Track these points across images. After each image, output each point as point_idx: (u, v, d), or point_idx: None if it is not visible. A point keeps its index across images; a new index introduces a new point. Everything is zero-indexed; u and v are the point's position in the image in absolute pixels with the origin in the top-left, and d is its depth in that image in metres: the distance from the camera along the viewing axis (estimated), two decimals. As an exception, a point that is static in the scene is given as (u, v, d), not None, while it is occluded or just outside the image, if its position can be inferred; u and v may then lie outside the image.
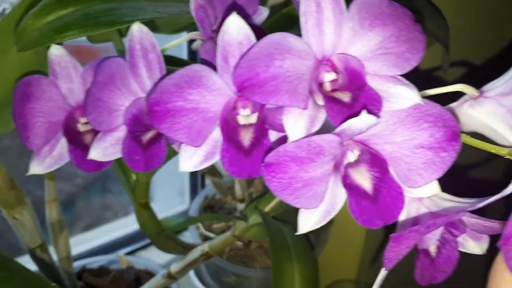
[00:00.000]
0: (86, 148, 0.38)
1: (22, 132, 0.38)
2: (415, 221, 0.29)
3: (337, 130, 0.26)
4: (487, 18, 0.66)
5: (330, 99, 0.27)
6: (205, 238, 0.76)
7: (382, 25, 0.28)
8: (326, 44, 0.28)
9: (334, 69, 0.29)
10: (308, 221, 0.29)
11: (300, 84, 0.27)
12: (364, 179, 0.28)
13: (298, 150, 0.26)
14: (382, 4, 0.28)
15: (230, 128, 0.31)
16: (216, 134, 0.32)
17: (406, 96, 0.27)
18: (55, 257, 0.61)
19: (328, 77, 0.29)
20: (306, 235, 0.60)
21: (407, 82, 0.28)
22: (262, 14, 0.42)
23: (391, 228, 0.31)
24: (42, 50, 0.38)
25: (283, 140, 0.28)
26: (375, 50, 0.28)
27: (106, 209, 1.08)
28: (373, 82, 0.28)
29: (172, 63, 0.48)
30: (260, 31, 0.41)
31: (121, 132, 0.37)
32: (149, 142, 0.35)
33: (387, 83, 0.28)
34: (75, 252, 0.83)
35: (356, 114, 0.26)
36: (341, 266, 0.82)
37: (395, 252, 0.26)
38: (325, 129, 0.28)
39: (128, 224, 0.93)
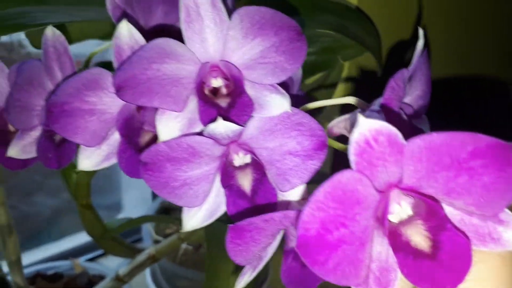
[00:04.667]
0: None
1: None
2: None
3: (205, 132, 0.28)
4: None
5: (206, 103, 0.29)
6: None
7: (264, 35, 0.30)
8: (210, 51, 0.30)
9: (223, 75, 0.31)
10: (192, 219, 0.32)
11: (174, 88, 0.29)
12: (246, 180, 0.31)
13: (169, 150, 0.28)
14: (266, 15, 0.30)
15: (131, 128, 0.34)
16: (118, 136, 0.34)
17: (277, 104, 0.29)
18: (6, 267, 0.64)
19: (215, 82, 0.31)
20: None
21: (282, 90, 0.30)
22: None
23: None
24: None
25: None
26: (256, 58, 0.30)
27: None
28: (251, 90, 0.30)
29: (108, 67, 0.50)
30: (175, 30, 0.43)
31: (39, 131, 0.40)
32: (61, 141, 0.38)
33: (264, 91, 0.30)
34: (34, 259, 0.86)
35: (230, 118, 0.29)
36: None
37: (239, 245, 0.27)
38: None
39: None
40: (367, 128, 0.22)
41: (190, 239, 0.66)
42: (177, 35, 0.41)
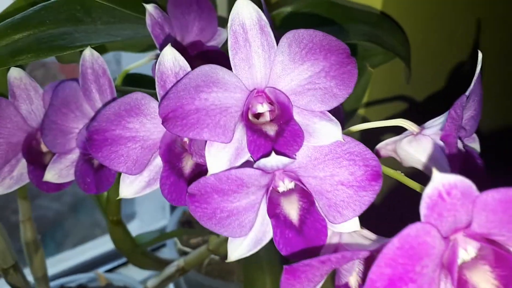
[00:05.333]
0: (45, 169, 0.41)
1: (-20, 153, 0.40)
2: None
3: (255, 165, 0.28)
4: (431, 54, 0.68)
5: (254, 132, 0.28)
6: (183, 254, 0.78)
7: (313, 60, 0.29)
8: (257, 77, 0.29)
9: (269, 100, 0.30)
10: (237, 249, 0.31)
11: (223, 118, 0.28)
12: (292, 209, 0.30)
13: (218, 182, 0.27)
14: (314, 38, 0.29)
15: (173, 154, 0.33)
16: (160, 161, 0.34)
17: (328, 133, 0.28)
18: (31, 278, 0.64)
19: (260, 108, 0.30)
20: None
21: (332, 118, 0.29)
22: (221, 35, 0.44)
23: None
24: (2, 73, 0.40)
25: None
26: (304, 84, 0.29)
27: (96, 226, 1.10)
28: (299, 116, 0.29)
29: (139, 81, 0.50)
30: (218, 53, 0.43)
31: (76, 154, 0.39)
32: (100, 165, 0.37)
33: (313, 118, 0.29)
34: (54, 271, 0.86)
35: (278, 147, 0.28)
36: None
37: (293, 285, 0.26)
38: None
39: (107, 241, 0.96)
40: (441, 182, 0.21)
41: (219, 250, 0.65)
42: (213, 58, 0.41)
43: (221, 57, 0.43)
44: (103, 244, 0.96)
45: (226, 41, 0.45)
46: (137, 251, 0.63)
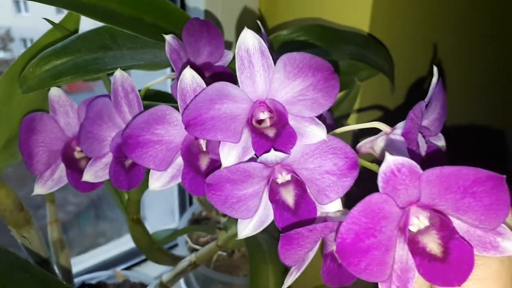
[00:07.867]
0: (81, 172, 0.48)
1: (27, 160, 0.47)
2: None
3: (258, 160, 0.34)
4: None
5: (257, 135, 0.35)
6: (194, 251, 0.84)
7: (303, 77, 0.36)
8: (259, 91, 0.37)
9: (269, 109, 0.37)
10: (245, 228, 0.38)
11: (233, 123, 0.35)
12: (289, 195, 0.37)
13: (229, 174, 0.34)
14: (304, 59, 0.36)
15: (191, 154, 0.40)
16: (180, 160, 0.41)
17: (315, 134, 0.35)
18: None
19: (262, 115, 0.37)
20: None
21: (319, 122, 0.36)
22: (227, 57, 0.51)
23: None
24: (42, 91, 0.48)
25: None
26: (297, 96, 0.36)
27: (100, 235, 1.15)
28: (293, 121, 0.36)
29: (156, 96, 0.57)
30: (224, 72, 0.50)
31: (109, 158, 0.46)
32: (131, 166, 0.44)
33: (304, 122, 0.36)
34: (75, 270, 0.93)
35: (277, 146, 0.35)
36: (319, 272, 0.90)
37: (289, 250, 0.33)
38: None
39: (123, 244, 1.03)
40: (392, 162, 0.28)
41: (227, 246, 0.72)
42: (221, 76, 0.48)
43: (227, 75, 0.50)
44: (120, 246, 1.02)
45: (231, 61, 0.52)
46: (154, 247, 0.69)
